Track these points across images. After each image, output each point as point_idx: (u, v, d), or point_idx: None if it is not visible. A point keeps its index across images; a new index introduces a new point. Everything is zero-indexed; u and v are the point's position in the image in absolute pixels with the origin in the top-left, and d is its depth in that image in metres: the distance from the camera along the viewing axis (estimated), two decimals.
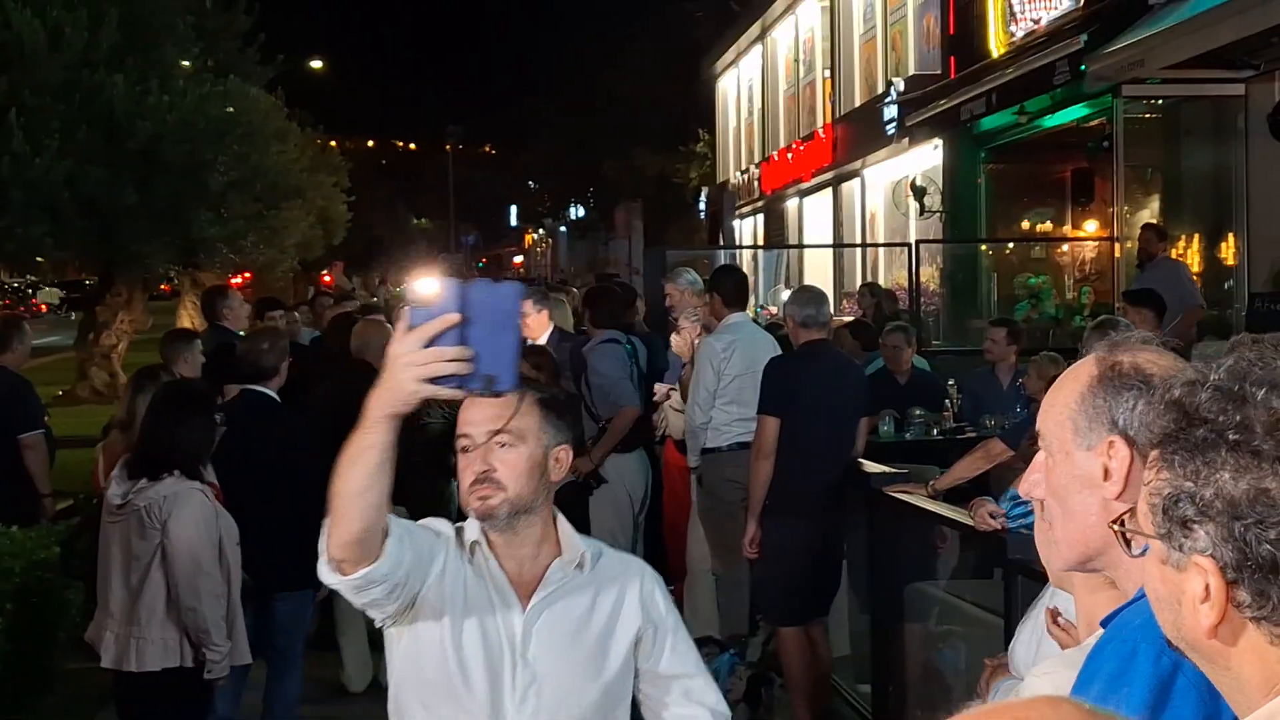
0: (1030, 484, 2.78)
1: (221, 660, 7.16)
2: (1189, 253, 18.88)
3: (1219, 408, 1.88)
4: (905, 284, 24.40)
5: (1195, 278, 17.71)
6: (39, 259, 28.13)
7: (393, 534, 3.89)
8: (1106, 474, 2.62)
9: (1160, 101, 19.96)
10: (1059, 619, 3.56)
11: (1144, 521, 1.99)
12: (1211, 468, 1.87)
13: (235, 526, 7.37)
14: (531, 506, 4.11)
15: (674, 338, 13.13)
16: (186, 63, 24.77)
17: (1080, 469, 2.66)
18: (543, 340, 12.56)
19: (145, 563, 7.11)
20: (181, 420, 7.29)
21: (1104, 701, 2.41)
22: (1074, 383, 2.74)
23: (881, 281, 27.66)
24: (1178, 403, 1.94)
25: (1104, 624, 2.58)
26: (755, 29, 42.92)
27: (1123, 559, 2.58)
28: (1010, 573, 6.72)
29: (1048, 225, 26.37)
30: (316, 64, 61.82)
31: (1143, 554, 2.04)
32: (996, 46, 23.84)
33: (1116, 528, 2.17)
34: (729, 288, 11.28)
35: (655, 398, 12.23)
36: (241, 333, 12.64)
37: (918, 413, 12.97)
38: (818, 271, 33.42)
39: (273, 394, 8.91)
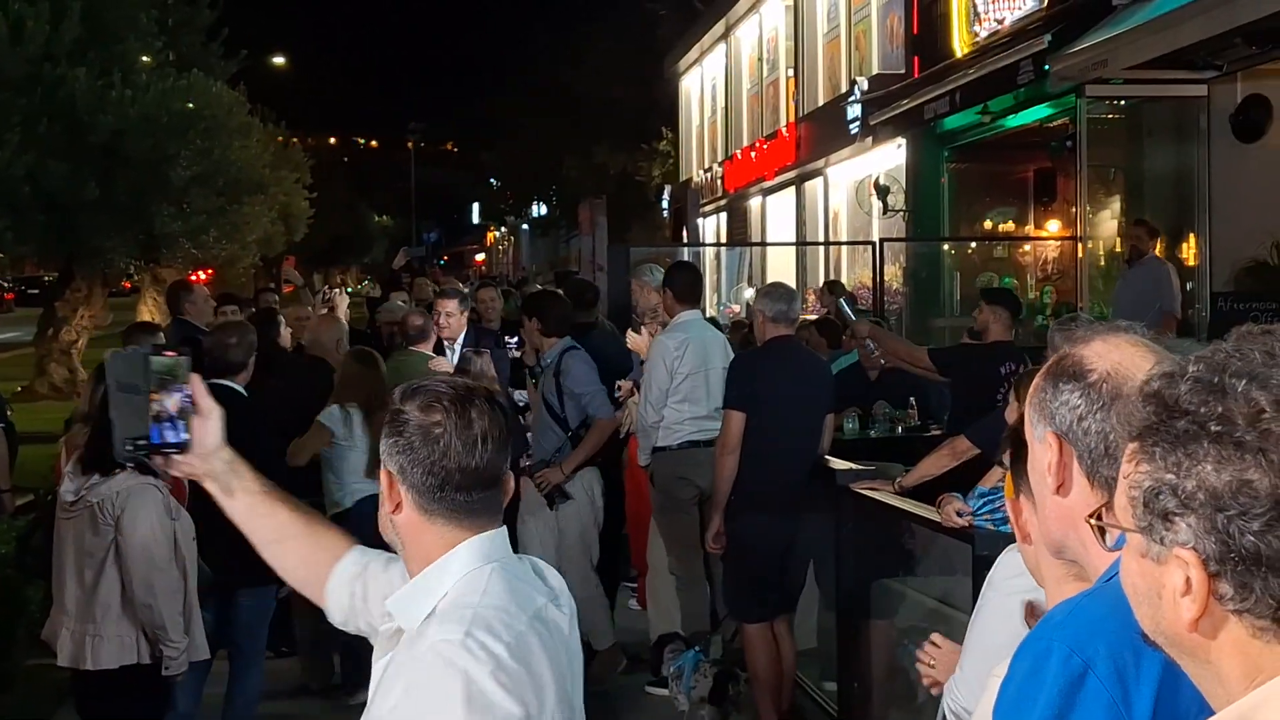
0: None
1: (179, 657, 7.09)
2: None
3: (1200, 400, 1.87)
4: (868, 282, 24.46)
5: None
6: None
7: (348, 584, 3.77)
8: (1049, 467, 2.62)
9: (1123, 102, 20.02)
10: (1036, 612, 3.56)
11: (1122, 515, 1.97)
12: (1193, 459, 1.85)
13: (191, 522, 7.27)
14: (391, 541, 3.53)
15: (630, 335, 13.12)
16: (146, 58, 24.60)
17: (1036, 460, 2.67)
18: (459, 343, 12.53)
19: (99, 559, 7.02)
20: None
21: (1016, 701, 2.44)
22: (1038, 375, 2.73)
23: (844, 280, 27.70)
24: (1157, 394, 1.92)
25: None
26: (719, 27, 42.99)
27: (1084, 550, 2.59)
28: (979, 569, 6.71)
29: (1010, 225, 26.46)
30: (279, 60, 61.67)
31: (1116, 548, 2.02)
32: (960, 46, 23.88)
33: (1093, 521, 2.14)
34: (681, 284, 11.21)
35: (619, 394, 12.16)
36: (205, 327, 12.55)
37: (883, 410, 12.98)
38: (781, 270, 33.48)
39: (239, 389, 8.84)
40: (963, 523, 7.14)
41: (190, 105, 24.27)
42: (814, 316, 18.58)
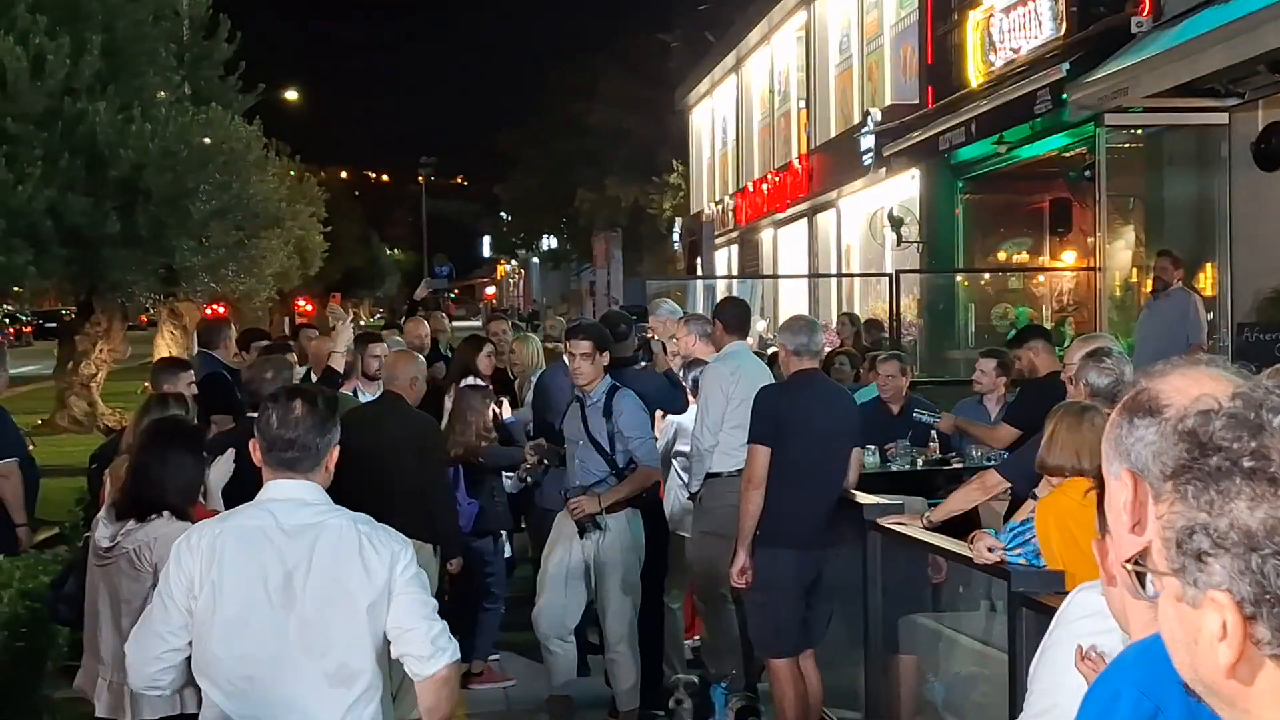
0: None
1: None
2: None
3: (1233, 435, 1.82)
4: (881, 314, 24.42)
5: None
6: (16, 289, 27.87)
7: None
8: (1124, 505, 2.56)
9: (1142, 130, 19.98)
10: (1088, 656, 3.52)
11: (1158, 558, 1.92)
12: (1226, 497, 1.79)
13: None
14: None
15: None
16: (163, 93, 24.60)
17: (1112, 498, 2.61)
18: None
19: (136, 607, 6.63)
20: (170, 459, 7.03)
21: None
22: (1114, 410, 2.69)
23: (858, 312, 27.65)
24: (1191, 432, 1.87)
25: None
26: (730, 59, 43.07)
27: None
28: (1015, 606, 6.67)
29: (1024, 256, 26.46)
30: (291, 95, 61.70)
31: (1155, 597, 1.97)
32: (975, 76, 23.87)
33: (1129, 567, 2.08)
34: (729, 316, 11.23)
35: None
36: (230, 364, 12.47)
37: (904, 443, 12.91)
38: (793, 302, 33.51)
39: None
40: (994, 558, 7.07)
41: (208, 140, 24.29)
42: (828, 349, 18.54)
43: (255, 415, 8.76)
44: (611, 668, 10.62)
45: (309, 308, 57.74)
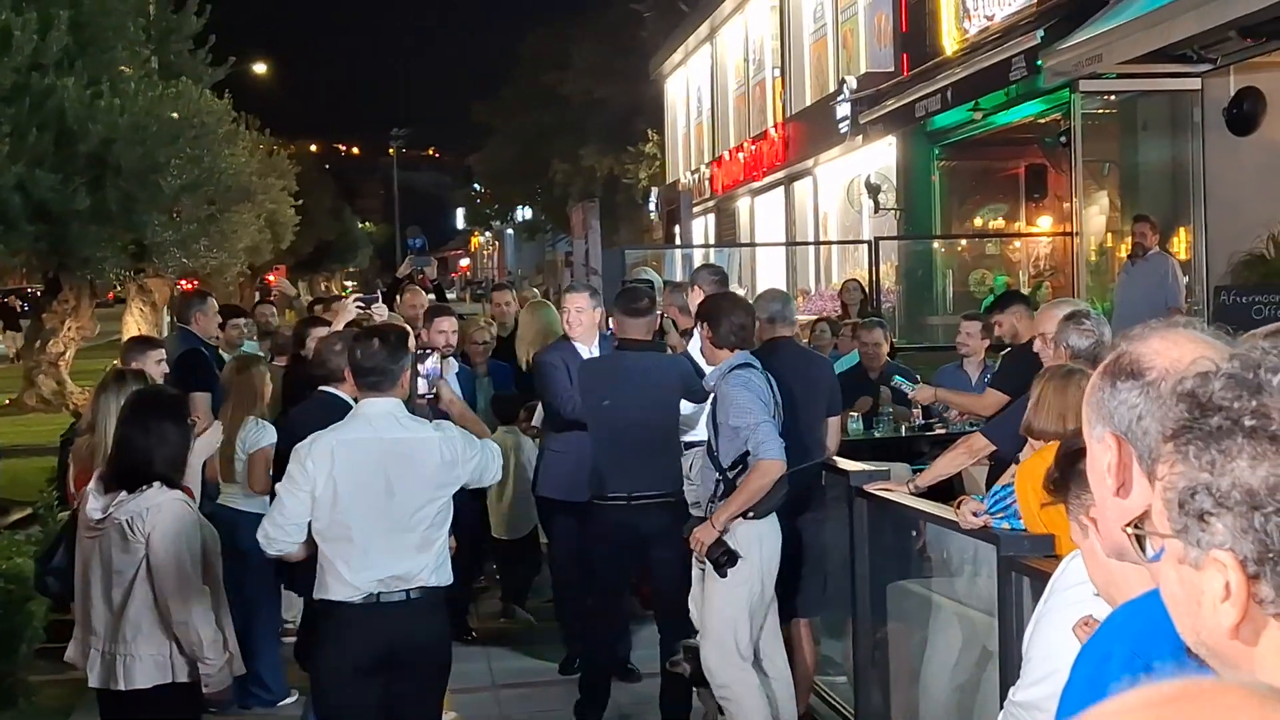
0: None
1: (218, 673, 6.94)
2: None
3: (1233, 395, 1.81)
4: (860, 281, 24.49)
5: None
6: None
7: None
8: (1108, 468, 2.54)
9: (1116, 96, 20.03)
10: (1087, 623, 3.51)
11: (1159, 520, 1.91)
12: (1227, 456, 1.79)
13: (216, 533, 7.23)
14: None
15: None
16: (127, 69, 24.29)
17: (1095, 461, 2.59)
18: (595, 344, 10.94)
19: (128, 578, 6.83)
20: (155, 429, 7.02)
21: (1079, 706, 2.38)
22: (1094, 374, 2.68)
23: (835, 279, 27.72)
24: (1190, 394, 1.86)
25: None
26: (704, 29, 43.08)
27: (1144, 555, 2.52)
28: (1004, 570, 6.64)
29: (1000, 222, 26.58)
30: (261, 68, 61.35)
31: (1156, 559, 1.96)
32: (950, 43, 23.95)
33: (1130, 530, 2.08)
34: (710, 283, 11.10)
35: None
36: (210, 340, 12.25)
37: (888, 409, 12.92)
38: (771, 271, 33.61)
39: (344, 396, 8.52)
40: (979, 523, 7.05)
41: (177, 114, 24.03)
42: (812, 317, 18.46)
43: (326, 389, 8.73)
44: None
45: (273, 279, 57.49)
